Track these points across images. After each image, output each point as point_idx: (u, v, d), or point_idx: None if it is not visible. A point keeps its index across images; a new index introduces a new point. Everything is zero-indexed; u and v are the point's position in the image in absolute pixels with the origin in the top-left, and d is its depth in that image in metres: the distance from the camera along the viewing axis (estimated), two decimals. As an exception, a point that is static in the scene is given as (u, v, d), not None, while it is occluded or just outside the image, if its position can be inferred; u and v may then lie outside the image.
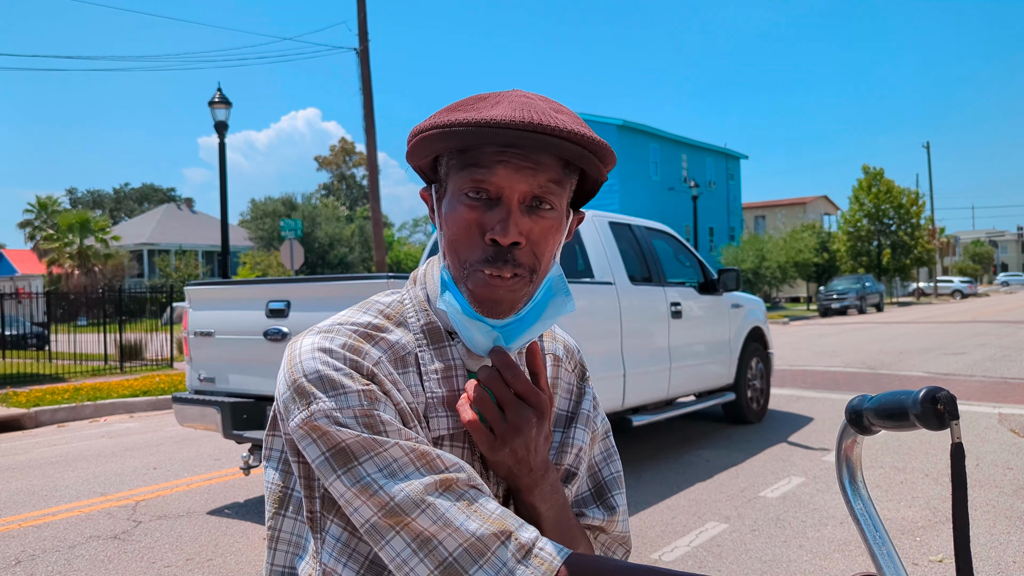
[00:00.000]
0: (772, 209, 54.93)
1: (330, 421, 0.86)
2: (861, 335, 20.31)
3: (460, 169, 0.93)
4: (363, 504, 0.84)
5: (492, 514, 0.85)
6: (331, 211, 55.32)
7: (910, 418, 0.85)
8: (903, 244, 44.16)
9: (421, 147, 0.96)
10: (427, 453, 0.87)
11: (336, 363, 0.90)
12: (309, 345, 0.92)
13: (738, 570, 4.04)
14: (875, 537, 0.94)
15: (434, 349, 0.98)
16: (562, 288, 1.00)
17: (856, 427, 0.95)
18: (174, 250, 53.09)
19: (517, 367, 0.95)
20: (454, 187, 0.94)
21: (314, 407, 0.87)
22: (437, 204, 0.99)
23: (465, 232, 0.93)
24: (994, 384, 10.32)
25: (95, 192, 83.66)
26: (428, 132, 0.93)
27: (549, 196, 0.94)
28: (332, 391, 0.88)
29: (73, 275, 40.83)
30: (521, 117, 0.88)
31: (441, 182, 0.98)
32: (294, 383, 0.89)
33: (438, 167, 0.99)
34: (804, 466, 6.16)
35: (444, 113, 0.94)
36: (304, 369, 0.89)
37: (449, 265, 0.96)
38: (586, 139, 0.91)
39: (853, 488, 1.00)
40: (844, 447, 1.00)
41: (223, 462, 6.98)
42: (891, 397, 0.90)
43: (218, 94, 15.60)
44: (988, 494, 5.25)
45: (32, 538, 4.91)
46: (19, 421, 9.71)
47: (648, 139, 38.84)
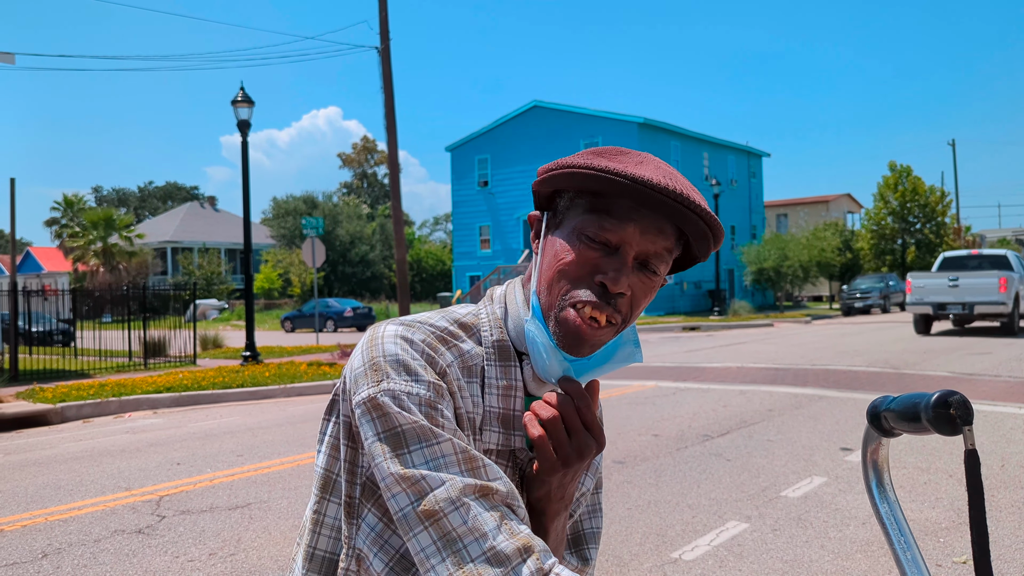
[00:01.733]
0: (794, 207, 54.51)
1: (394, 402, 0.90)
2: (885, 334, 20.12)
3: (588, 211, 0.98)
4: (402, 491, 0.87)
5: (520, 532, 0.86)
6: (352, 209, 55.64)
7: (923, 422, 0.83)
8: (928, 242, 43.66)
9: (563, 181, 0.99)
10: (475, 458, 0.90)
11: (414, 353, 0.94)
12: (392, 332, 0.96)
13: (759, 570, 4.02)
14: (900, 541, 0.93)
15: (500, 366, 1.02)
16: (632, 339, 1.04)
17: (877, 429, 0.94)
18: (197, 248, 53.55)
19: (589, 398, 0.99)
20: (576, 224, 0.98)
21: (384, 385, 0.91)
22: (545, 231, 1.03)
23: (578, 269, 0.97)
24: (1020, 384, 10.19)
25: (120, 190, 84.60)
26: (581, 170, 0.96)
27: (657, 262, 0.99)
28: (405, 375, 0.92)
29: (98, 272, 41.35)
30: (665, 183, 0.93)
31: (557, 213, 1.02)
32: (371, 360, 0.93)
33: (556, 198, 1.03)
34: (826, 466, 6.12)
35: (591, 156, 0.98)
36: (384, 350, 0.93)
37: (542, 293, 1.00)
38: (714, 220, 0.97)
39: (880, 491, 0.98)
40: (870, 450, 0.99)
41: (246, 458, 7.05)
42: (908, 400, 0.88)
43: (241, 93, 15.73)
44: (1014, 495, 5.19)
45: (58, 532, 4.98)
46: (45, 416, 9.85)
47: (669, 137, 38.65)
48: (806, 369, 12.59)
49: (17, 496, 5.94)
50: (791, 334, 21.98)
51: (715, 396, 9.97)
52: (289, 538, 4.70)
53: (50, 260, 52.56)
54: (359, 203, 61.95)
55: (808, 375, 11.84)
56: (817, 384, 10.84)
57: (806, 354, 15.18)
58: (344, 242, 51.03)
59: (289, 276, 47.00)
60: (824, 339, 19.22)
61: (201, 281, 46.43)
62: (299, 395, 11.77)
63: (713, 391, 10.46)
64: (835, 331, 22.40)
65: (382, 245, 54.31)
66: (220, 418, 9.73)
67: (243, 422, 9.29)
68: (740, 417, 8.38)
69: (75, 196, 48.76)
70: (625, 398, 10.05)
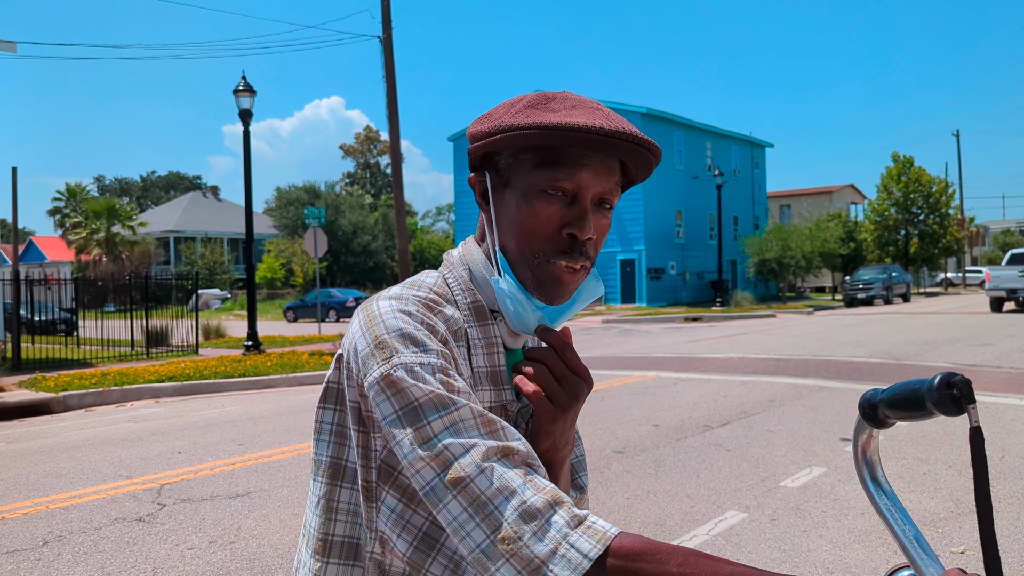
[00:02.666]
0: (798, 198, 54.38)
1: (410, 375, 0.89)
2: (887, 325, 20.11)
3: (538, 166, 0.99)
4: (426, 465, 0.86)
5: (547, 487, 0.87)
6: (355, 199, 55.59)
7: (927, 406, 0.83)
8: (931, 233, 43.58)
9: (507, 143, 1.00)
10: (493, 421, 0.90)
11: (416, 324, 0.94)
12: (388, 307, 0.95)
13: (757, 559, 4.03)
14: (904, 531, 0.93)
15: (479, 326, 1.04)
16: (593, 273, 1.08)
17: (871, 421, 0.94)
18: (200, 237, 53.57)
19: (570, 345, 1.03)
20: (529, 182, 1.00)
21: (395, 360, 0.90)
22: (492, 191, 1.05)
23: (542, 225, 1.00)
24: (1021, 376, 10.18)
25: (123, 180, 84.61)
26: (524, 131, 0.98)
27: (611, 197, 1.03)
28: (413, 347, 0.91)
29: (101, 262, 41.40)
30: (607, 125, 0.96)
31: (500, 172, 1.04)
32: (376, 339, 0.92)
33: (496, 158, 1.04)
34: (826, 456, 6.12)
35: (524, 113, 1.00)
36: (387, 326, 0.93)
37: (513, 250, 1.02)
38: (655, 147, 1.01)
39: (875, 484, 0.98)
40: (861, 443, 0.99)
41: (247, 447, 7.06)
42: (905, 387, 0.88)
43: (243, 82, 15.70)
44: (1013, 485, 5.19)
45: (59, 519, 5.00)
46: (48, 405, 9.88)
47: (672, 127, 38.55)
48: (807, 360, 12.58)
49: (19, 484, 5.97)
50: (793, 325, 21.97)
51: (716, 386, 9.97)
52: (289, 526, 4.72)
53: (53, 249, 52.63)
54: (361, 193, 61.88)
55: (809, 366, 11.84)
56: (818, 375, 10.84)
57: (808, 345, 15.17)
58: (347, 232, 51.00)
59: (292, 266, 47.01)
60: (826, 330, 19.21)
61: (204, 271, 46.45)
62: (301, 384, 11.80)
63: (714, 381, 10.46)
64: (837, 322, 22.39)
65: (385, 235, 54.27)
66: (222, 407, 9.75)
67: (245, 411, 9.31)
68: (740, 407, 8.38)
69: (78, 185, 48.81)
70: (626, 388, 10.05)
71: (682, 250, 38.91)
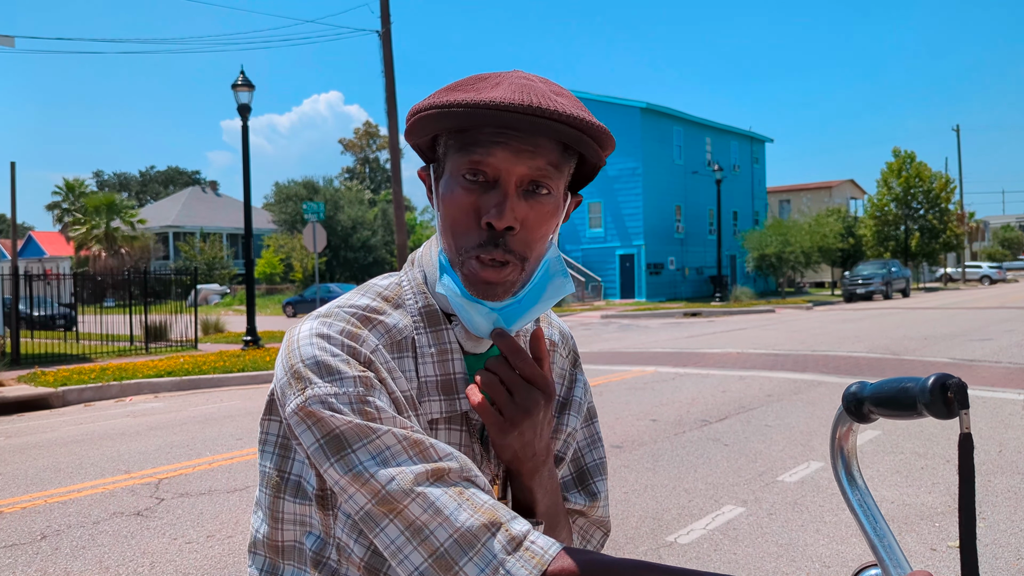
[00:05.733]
0: (797, 193, 54.35)
1: (324, 407, 0.86)
2: (886, 320, 20.11)
3: (458, 150, 0.92)
4: (356, 492, 0.84)
5: (483, 505, 0.84)
6: (354, 194, 55.52)
7: (917, 407, 0.81)
8: (931, 229, 43.57)
9: (419, 127, 0.95)
10: (420, 442, 0.86)
11: (333, 349, 0.89)
12: (307, 331, 0.91)
13: (754, 553, 4.04)
14: (875, 529, 0.92)
15: (431, 332, 0.97)
16: (560, 270, 0.98)
17: (854, 415, 0.91)
18: (199, 232, 53.53)
19: (523, 351, 0.95)
20: (452, 168, 0.93)
21: (309, 392, 0.86)
22: (435, 184, 0.98)
23: (463, 216, 0.92)
24: (1019, 370, 10.19)
25: (121, 175, 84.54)
26: (426, 112, 0.92)
27: (546, 180, 0.92)
28: (328, 377, 0.87)
29: (100, 257, 41.38)
30: (520, 100, 0.87)
31: (439, 162, 0.97)
32: (291, 368, 0.89)
33: (436, 147, 0.98)
34: (823, 451, 6.13)
35: (443, 93, 0.93)
36: (302, 355, 0.89)
37: (446, 248, 0.96)
38: (584, 123, 0.90)
39: (850, 479, 0.96)
40: (839, 436, 0.97)
41: (245, 441, 7.07)
42: (895, 384, 0.85)
43: (241, 77, 15.67)
44: (1010, 481, 5.20)
45: (57, 514, 5.01)
46: (46, 400, 9.89)
47: (672, 122, 38.51)
48: (806, 355, 12.59)
49: (17, 478, 5.97)
50: (792, 320, 21.97)
51: (714, 381, 9.98)
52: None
53: (52, 244, 52.62)
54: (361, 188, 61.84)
55: (808, 361, 11.84)
56: (816, 370, 10.84)
57: (806, 340, 15.18)
58: (346, 227, 50.95)
59: (291, 261, 46.96)
60: (825, 325, 19.22)
61: (203, 266, 46.42)
62: (299, 379, 11.79)
63: (712, 376, 10.47)
64: (836, 317, 22.39)
65: (384, 230, 54.22)
66: (221, 402, 9.76)
67: (243, 406, 9.31)
68: (739, 402, 8.39)
69: (76, 180, 48.73)
70: (624, 383, 10.06)
71: (681, 245, 38.90)
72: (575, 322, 25.07)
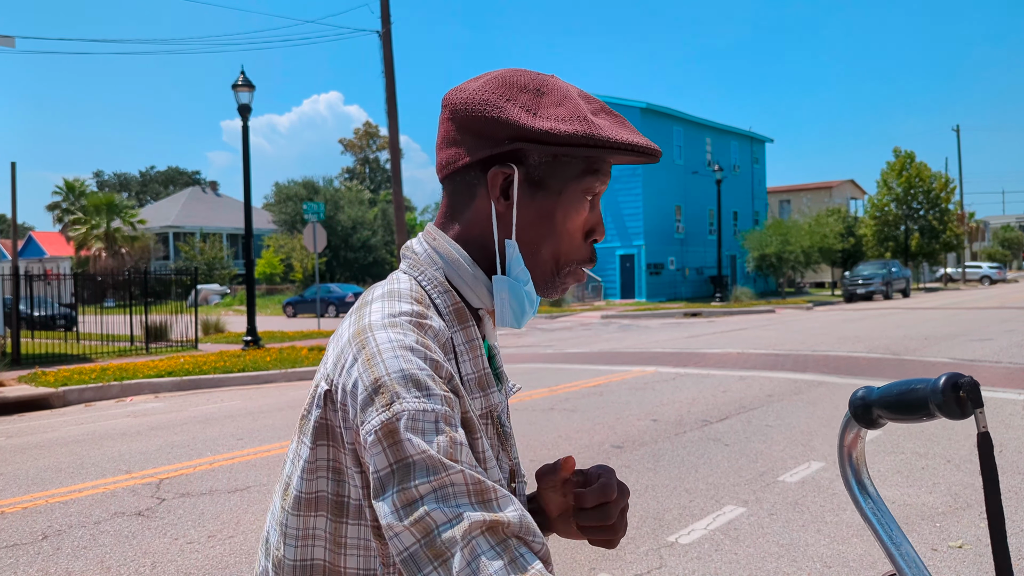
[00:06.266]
0: (797, 193, 54.34)
1: (408, 426, 0.82)
2: (886, 321, 20.11)
3: (583, 173, 0.98)
4: (405, 531, 0.80)
5: (529, 571, 0.80)
6: (354, 194, 55.49)
7: (930, 408, 0.79)
8: (932, 229, 43.57)
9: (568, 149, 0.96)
10: (486, 490, 0.83)
11: (419, 362, 0.86)
12: (387, 341, 0.87)
13: (755, 553, 4.04)
14: (891, 537, 0.89)
15: (461, 329, 0.98)
16: None
17: (862, 421, 0.89)
18: (199, 233, 53.51)
19: None
20: (572, 188, 0.99)
21: (396, 407, 0.83)
22: (516, 189, 0.98)
23: (577, 232, 1.01)
24: (1020, 370, 10.19)
25: (121, 175, 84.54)
26: (582, 146, 0.95)
27: None
28: (416, 391, 0.84)
29: (100, 257, 41.39)
30: (650, 145, 0.98)
31: (531, 170, 0.98)
32: (375, 381, 0.84)
33: (523, 154, 0.98)
34: (824, 451, 6.13)
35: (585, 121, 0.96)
36: (387, 367, 0.85)
37: (535, 252, 1.00)
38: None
39: (861, 488, 0.94)
40: (847, 443, 0.95)
41: (246, 442, 7.07)
42: (904, 387, 0.83)
43: (241, 77, 15.68)
44: (1011, 481, 5.20)
45: (58, 514, 5.01)
46: (47, 400, 9.89)
47: (672, 122, 38.51)
48: (806, 355, 12.59)
49: (18, 478, 5.97)
50: (792, 320, 21.98)
51: (715, 382, 9.98)
52: (288, 521, 4.72)
53: (52, 245, 52.60)
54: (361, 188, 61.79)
55: (808, 361, 11.84)
56: (817, 370, 10.84)
57: (806, 340, 15.18)
58: (346, 227, 50.95)
59: (291, 261, 46.97)
60: (825, 325, 19.22)
61: (203, 266, 46.42)
62: (300, 380, 11.80)
63: (713, 377, 10.47)
64: (836, 317, 22.39)
65: (384, 230, 54.22)
66: (221, 402, 9.76)
67: (244, 406, 9.31)
68: (739, 403, 8.39)
69: (76, 181, 48.75)
70: (625, 383, 10.06)
71: (681, 245, 38.90)
72: (575, 322, 25.08)
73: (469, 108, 0.97)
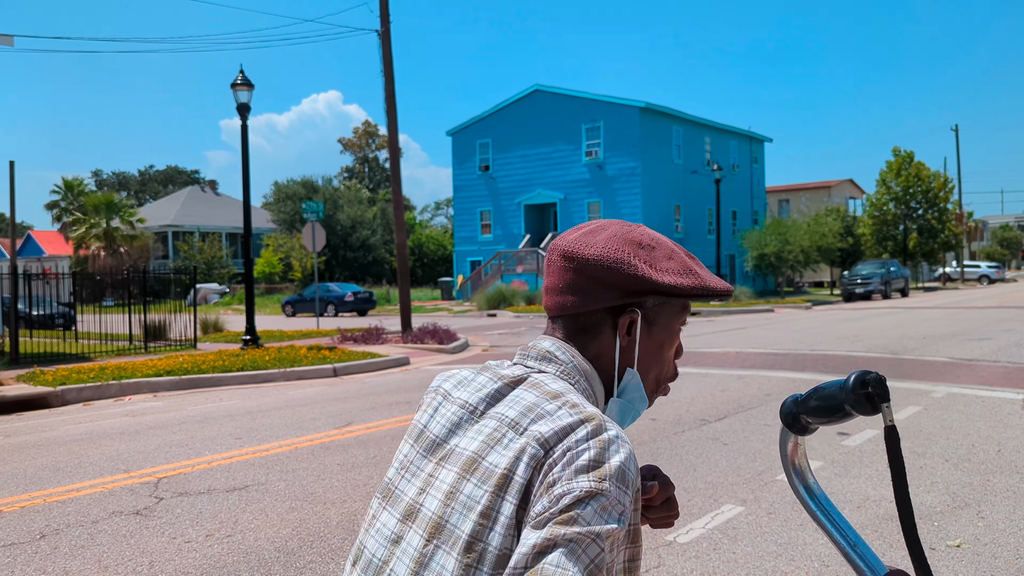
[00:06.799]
0: (796, 193, 54.34)
1: (606, 510, 0.92)
2: (885, 320, 20.12)
3: (680, 311, 1.18)
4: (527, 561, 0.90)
5: None
6: (353, 194, 55.53)
7: (844, 408, 0.83)
8: (930, 228, 43.59)
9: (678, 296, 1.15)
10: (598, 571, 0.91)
11: (632, 476, 0.96)
12: (616, 435, 0.98)
13: (753, 552, 4.04)
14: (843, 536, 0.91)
15: None
16: None
17: (795, 429, 0.93)
18: (198, 232, 53.51)
19: None
20: (675, 323, 1.17)
21: (606, 484, 0.93)
22: (637, 327, 1.14)
23: (672, 356, 1.20)
24: (1018, 370, 10.20)
25: (120, 174, 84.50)
26: (706, 293, 1.15)
27: None
28: (622, 487, 0.94)
29: (99, 256, 41.38)
30: (730, 288, 1.17)
31: (646, 311, 1.15)
32: (600, 462, 0.95)
33: (642, 299, 1.14)
34: (822, 450, 6.13)
35: (691, 275, 1.15)
36: (621, 458, 0.96)
37: (647, 376, 1.17)
38: None
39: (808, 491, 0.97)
40: (788, 451, 0.98)
41: (244, 441, 7.07)
42: (821, 391, 0.87)
43: (240, 76, 15.66)
44: (1009, 480, 5.20)
45: (56, 513, 5.00)
46: (45, 399, 9.88)
47: (671, 122, 38.51)
48: (805, 354, 12.59)
49: (16, 477, 5.97)
50: (791, 320, 21.99)
51: (713, 381, 9.99)
52: (287, 520, 4.72)
53: (51, 244, 52.57)
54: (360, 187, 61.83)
55: (807, 360, 11.85)
56: (815, 369, 10.85)
57: (805, 339, 15.19)
58: (345, 227, 50.97)
59: (290, 260, 46.99)
60: (824, 325, 19.23)
61: (202, 265, 46.42)
62: (299, 379, 11.80)
63: (712, 376, 10.47)
64: (835, 317, 22.40)
65: (383, 230, 54.24)
66: (220, 401, 9.75)
67: (242, 405, 9.31)
68: (738, 402, 8.39)
69: (75, 179, 48.75)
70: (624, 382, 10.05)
71: (680, 244, 38.80)
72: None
73: (603, 263, 1.11)
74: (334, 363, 12.53)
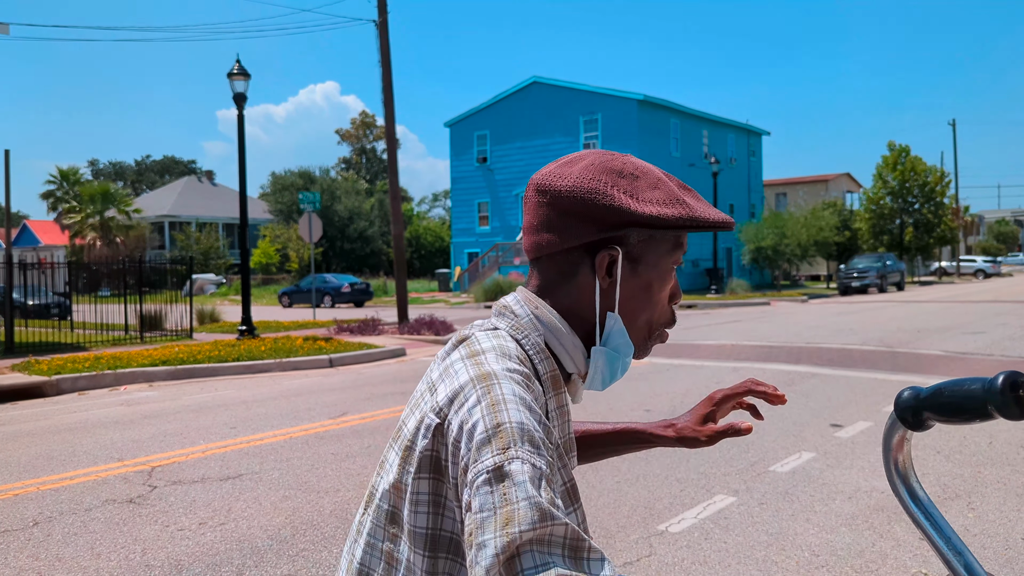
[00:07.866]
0: (793, 186, 54.36)
1: (520, 478, 0.82)
2: (880, 313, 20.16)
3: (676, 247, 1.06)
4: (496, 571, 0.79)
5: None
6: (350, 185, 55.44)
7: (987, 409, 0.75)
8: (926, 223, 43.62)
9: (668, 228, 1.04)
10: (581, 548, 0.82)
11: (536, 422, 0.88)
12: (512, 393, 0.90)
13: (744, 542, 4.06)
14: (948, 545, 0.85)
15: (555, 396, 1.04)
16: None
17: (910, 424, 0.84)
18: (194, 222, 53.40)
19: None
20: (658, 260, 1.05)
21: (511, 452, 0.84)
22: (618, 266, 1.03)
23: (666, 300, 1.09)
24: (1012, 363, 10.22)
25: (117, 164, 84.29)
26: (687, 226, 1.03)
27: None
28: (531, 446, 0.85)
29: (95, 246, 41.29)
30: (728, 218, 1.06)
31: (630, 248, 1.04)
32: (497, 426, 0.86)
33: (624, 236, 1.03)
34: (815, 442, 6.15)
35: (679, 204, 1.03)
36: (510, 416, 0.87)
37: (635, 322, 1.07)
38: None
39: (911, 494, 0.88)
40: (893, 447, 0.89)
41: (239, 430, 7.07)
42: (955, 387, 0.79)
43: (237, 65, 15.60)
44: (1000, 472, 5.22)
45: (49, 501, 5.01)
46: (40, 388, 9.88)
47: (669, 114, 38.46)
48: (800, 347, 12.62)
49: (9, 466, 5.97)
50: (787, 313, 22.02)
51: (708, 373, 10.00)
52: (280, 508, 4.73)
53: (47, 233, 52.41)
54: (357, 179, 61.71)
55: (802, 353, 11.87)
56: (810, 362, 10.87)
57: (801, 332, 15.21)
58: (342, 218, 50.92)
59: (287, 251, 46.91)
60: (820, 318, 19.26)
61: (198, 256, 46.36)
62: (294, 369, 11.80)
63: (706, 368, 10.49)
64: (831, 310, 22.44)
65: (381, 221, 54.18)
66: (215, 391, 9.76)
67: (238, 395, 9.32)
68: (732, 393, 8.39)
69: (71, 169, 48.53)
70: (619, 374, 10.06)
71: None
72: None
73: (576, 195, 1.01)
74: (330, 354, 12.53)
